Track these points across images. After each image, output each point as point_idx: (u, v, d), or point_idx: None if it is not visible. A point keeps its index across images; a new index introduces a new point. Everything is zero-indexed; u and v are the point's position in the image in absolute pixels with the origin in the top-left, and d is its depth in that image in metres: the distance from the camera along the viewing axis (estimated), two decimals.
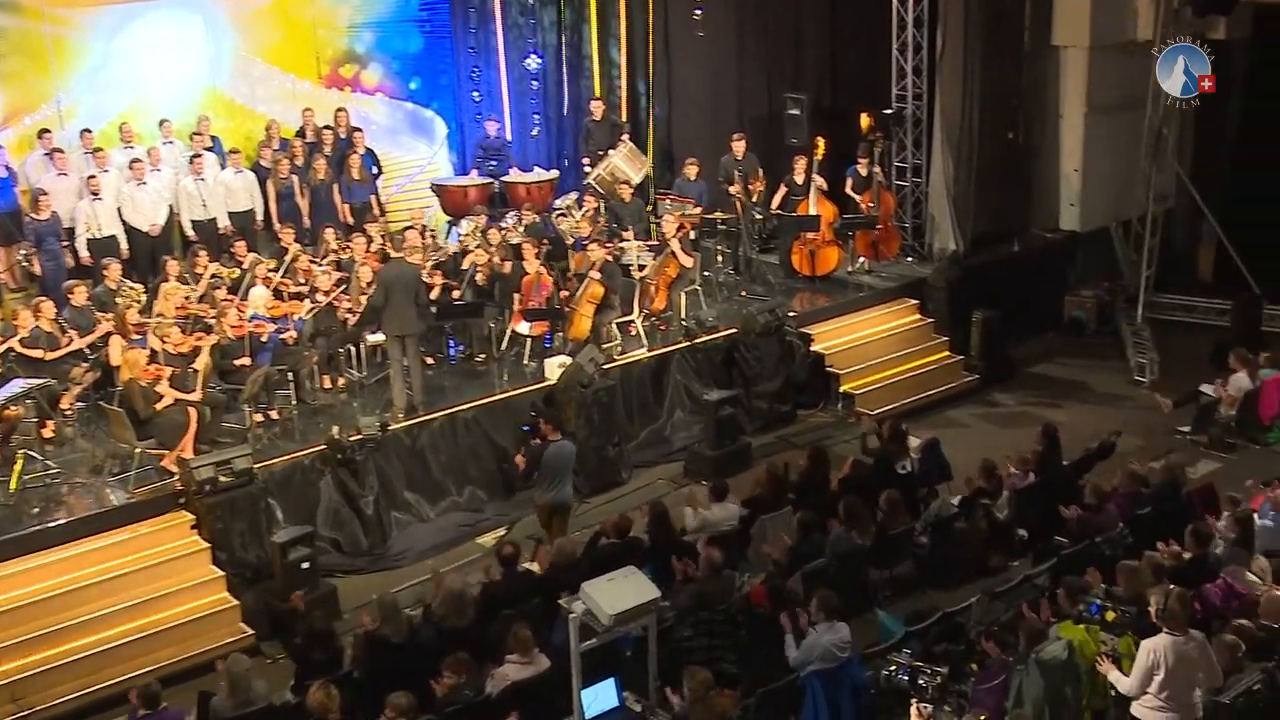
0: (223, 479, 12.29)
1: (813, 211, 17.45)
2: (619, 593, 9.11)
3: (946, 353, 17.29)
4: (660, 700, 9.58)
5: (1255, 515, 11.37)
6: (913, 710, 6.57)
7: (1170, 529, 11.89)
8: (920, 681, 6.53)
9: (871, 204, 17.81)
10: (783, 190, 17.80)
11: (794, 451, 14.74)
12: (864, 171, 17.96)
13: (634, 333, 15.76)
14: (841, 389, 16.36)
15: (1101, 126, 18.96)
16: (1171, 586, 8.28)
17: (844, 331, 16.93)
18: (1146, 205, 18.69)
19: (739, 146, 17.88)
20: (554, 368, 14.66)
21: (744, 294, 17.25)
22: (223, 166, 17.20)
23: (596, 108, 19.10)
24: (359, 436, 13.24)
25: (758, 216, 17.83)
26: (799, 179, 17.66)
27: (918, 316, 17.57)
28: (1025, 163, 19.21)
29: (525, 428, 13.68)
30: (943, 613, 10.68)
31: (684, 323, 16.01)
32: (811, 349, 16.44)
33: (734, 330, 15.99)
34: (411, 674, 9.64)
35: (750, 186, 17.63)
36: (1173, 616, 7.98)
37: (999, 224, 19.03)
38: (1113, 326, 18.81)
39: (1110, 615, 7.79)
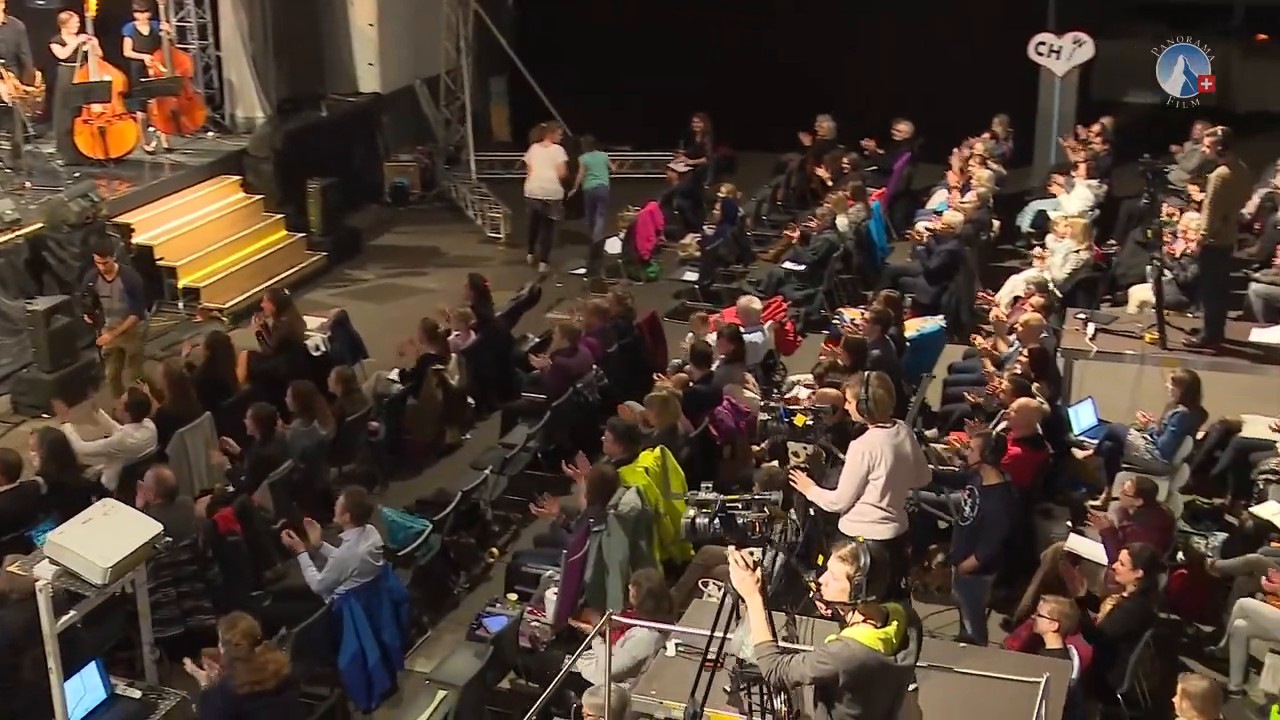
0: None
1: (95, 78, 14.28)
2: (107, 537, 6.47)
3: (284, 232, 15.06)
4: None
5: None
6: (732, 559, 4.69)
7: (636, 362, 11.09)
8: (740, 522, 4.71)
9: (164, 66, 14.95)
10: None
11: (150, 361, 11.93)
12: (145, 29, 15.01)
13: None
14: (180, 284, 13.65)
15: None
16: (867, 373, 7.02)
17: (165, 218, 14.17)
18: (456, 58, 17.50)
19: None
20: None
21: (28, 187, 13.73)
22: None
23: None
24: None
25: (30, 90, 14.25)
26: (69, 40, 14.36)
27: (243, 194, 15.11)
28: (318, 19, 17.21)
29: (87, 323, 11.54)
30: (462, 492, 8.90)
31: None
32: (134, 242, 13.50)
33: (40, 225, 12.63)
34: None
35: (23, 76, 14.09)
36: (879, 404, 6.72)
37: (298, 87, 16.98)
38: (438, 190, 17.56)
39: (800, 420, 6.39)
